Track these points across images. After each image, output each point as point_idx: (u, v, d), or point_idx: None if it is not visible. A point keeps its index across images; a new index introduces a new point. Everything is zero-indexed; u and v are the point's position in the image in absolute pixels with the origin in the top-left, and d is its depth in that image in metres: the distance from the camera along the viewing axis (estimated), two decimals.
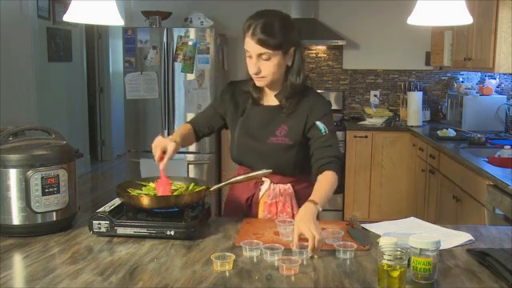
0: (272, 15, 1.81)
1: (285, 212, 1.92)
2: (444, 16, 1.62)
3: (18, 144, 1.70)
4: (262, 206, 1.95)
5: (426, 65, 5.24)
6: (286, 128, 1.90)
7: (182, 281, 1.32)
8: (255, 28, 1.76)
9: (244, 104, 1.98)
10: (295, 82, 1.86)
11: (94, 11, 1.74)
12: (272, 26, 1.77)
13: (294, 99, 1.89)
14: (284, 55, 1.81)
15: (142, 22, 5.09)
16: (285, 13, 1.86)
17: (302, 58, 1.88)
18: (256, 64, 1.80)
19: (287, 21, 1.83)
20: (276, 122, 1.91)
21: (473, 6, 3.65)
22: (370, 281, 1.33)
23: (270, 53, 1.78)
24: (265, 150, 1.89)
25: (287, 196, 1.93)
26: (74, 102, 6.64)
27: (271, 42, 1.76)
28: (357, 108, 5.43)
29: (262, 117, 1.93)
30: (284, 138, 1.89)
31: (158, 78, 4.69)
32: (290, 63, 1.85)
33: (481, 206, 2.89)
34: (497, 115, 4.18)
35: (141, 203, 1.66)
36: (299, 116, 1.89)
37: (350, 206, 4.81)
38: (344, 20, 5.28)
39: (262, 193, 1.95)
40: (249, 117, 1.96)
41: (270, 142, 1.90)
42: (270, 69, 1.81)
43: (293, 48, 1.83)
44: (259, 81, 1.85)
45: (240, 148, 1.96)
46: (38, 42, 5.63)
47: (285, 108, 1.89)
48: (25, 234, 1.65)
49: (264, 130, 1.91)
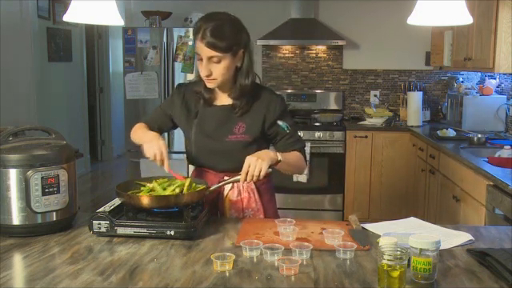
0: (221, 18, 1.86)
1: (250, 208, 1.98)
2: (444, 16, 1.62)
3: (18, 144, 1.70)
4: (227, 205, 1.99)
5: (426, 65, 5.24)
6: (244, 125, 1.95)
7: (182, 281, 1.32)
8: (205, 31, 1.81)
9: (196, 106, 2.02)
10: (244, 83, 1.92)
11: (94, 11, 1.74)
12: (221, 29, 1.82)
13: (244, 99, 1.94)
14: (233, 57, 1.86)
15: (142, 22, 5.09)
16: (233, 15, 1.91)
17: (251, 60, 1.94)
18: (206, 66, 1.85)
19: (236, 23, 1.88)
20: (232, 120, 1.96)
21: (473, 6, 3.65)
22: (369, 281, 1.33)
23: (220, 55, 1.82)
24: (224, 148, 1.95)
25: (250, 192, 1.99)
26: (74, 102, 6.64)
27: (220, 45, 1.80)
28: (357, 108, 5.43)
29: (218, 116, 1.97)
30: (243, 135, 1.94)
31: (158, 77, 4.69)
32: (239, 64, 1.91)
33: (481, 205, 2.89)
34: (497, 115, 4.18)
35: (141, 203, 1.66)
36: (256, 113, 1.96)
37: (349, 206, 4.81)
38: (344, 20, 5.28)
39: (227, 192, 1.99)
40: (203, 118, 1.99)
41: (228, 140, 1.94)
42: (221, 71, 1.86)
43: (242, 50, 1.89)
44: (210, 82, 1.90)
45: (198, 149, 2.00)
46: (38, 42, 5.63)
47: (237, 108, 1.95)
48: (25, 234, 1.65)
49: (221, 130, 1.96)
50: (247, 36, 1.91)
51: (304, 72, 5.41)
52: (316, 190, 4.78)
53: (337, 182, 4.78)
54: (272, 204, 2.10)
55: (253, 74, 1.94)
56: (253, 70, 1.94)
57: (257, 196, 2.00)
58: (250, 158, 1.76)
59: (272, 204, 2.10)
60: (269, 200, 2.07)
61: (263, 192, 2.03)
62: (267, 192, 2.07)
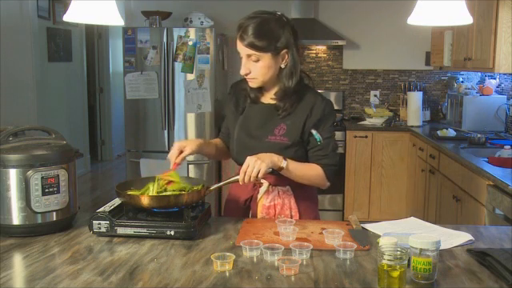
0: (264, 16, 1.80)
1: (283, 214, 1.91)
2: (444, 16, 1.62)
3: (17, 144, 1.70)
4: (260, 208, 1.93)
5: (426, 65, 5.24)
6: (285, 127, 1.88)
7: (182, 281, 1.32)
8: (244, 29, 1.78)
9: (243, 103, 1.97)
10: (287, 85, 1.85)
11: (94, 11, 1.74)
12: (260, 27, 1.77)
13: (288, 101, 1.87)
14: (274, 57, 1.81)
15: (142, 22, 5.09)
16: (279, 13, 1.85)
17: (295, 60, 1.85)
18: (246, 65, 1.82)
19: (279, 22, 1.81)
20: (275, 120, 1.90)
21: (473, 6, 3.65)
22: (369, 281, 1.33)
23: (258, 54, 1.78)
24: (263, 149, 1.84)
25: (286, 198, 1.92)
26: (74, 102, 6.64)
27: (258, 43, 1.77)
28: (357, 108, 5.43)
29: (261, 115, 1.92)
30: (282, 138, 1.87)
31: (158, 77, 4.69)
32: (283, 65, 1.85)
33: (481, 205, 2.89)
34: (497, 115, 4.18)
35: (141, 203, 1.66)
36: (298, 116, 1.88)
37: (350, 206, 4.81)
38: (344, 20, 5.28)
39: (261, 195, 1.94)
40: (248, 115, 1.95)
41: (268, 140, 1.88)
42: (259, 70, 1.81)
43: (284, 50, 1.82)
44: (250, 81, 1.87)
45: (239, 147, 1.95)
46: (38, 42, 5.63)
47: (280, 109, 1.89)
48: (25, 234, 1.65)
49: (262, 129, 1.90)
50: (292, 36, 1.83)
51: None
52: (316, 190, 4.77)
53: (337, 182, 4.78)
54: (310, 211, 1.99)
55: (297, 75, 1.85)
56: (298, 70, 1.85)
57: (293, 203, 1.92)
58: (249, 158, 1.72)
59: (310, 211, 1.99)
60: (307, 208, 1.97)
61: (301, 198, 1.94)
62: (306, 199, 1.96)
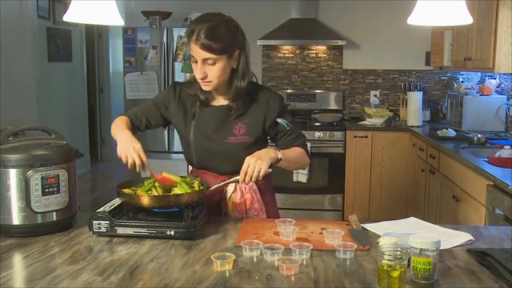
0: (215, 19, 1.82)
1: (253, 208, 1.96)
2: (444, 16, 1.62)
3: (17, 144, 1.70)
4: (231, 206, 1.97)
5: (426, 65, 5.24)
6: (244, 126, 1.92)
7: (182, 281, 1.32)
8: (199, 33, 1.78)
9: (192, 107, 1.97)
10: (239, 85, 1.88)
11: (94, 11, 1.74)
12: (215, 30, 1.78)
13: (241, 101, 1.90)
14: (229, 59, 1.83)
15: (142, 22, 5.09)
16: (228, 16, 1.88)
17: (247, 61, 1.89)
18: (202, 69, 1.82)
19: (231, 24, 1.85)
20: (231, 121, 1.93)
21: (473, 6, 3.65)
22: (369, 281, 1.33)
23: (215, 57, 1.79)
24: (224, 150, 1.91)
25: (252, 192, 1.97)
26: (74, 102, 6.64)
27: (215, 46, 1.77)
28: (357, 108, 5.43)
29: (215, 118, 1.94)
30: (244, 137, 1.92)
31: (158, 78, 4.69)
32: (235, 66, 1.87)
33: (481, 205, 2.89)
34: (497, 115, 4.18)
35: (141, 203, 1.67)
36: (255, 113, 1.93)
37: (350, 206, 4.81)
38: (344, 20, 5.28)
39: (230, 194, 1.97)
40: (200, 119, 1.96)
41: (228, 141, 1.92)
42: (216, 73, 1.82)
43: (237, 51, 1.85)
44: (205, 85, 1.86)
45: (198, 151, 1.97)
46: (38, 42, 5.63)
47: (233, 110, 1.91)
48: (25, 234, 1.65)
49: (220, 131, 1.93)
50: (243, 37, 1.87)
51: (304, 72, 5.41)
52: (316, 190, 4.78)
53: (337, 182, 4.79)
54: (273, 204, 2.10)
55: (249, 75, 1.90)
56: (249, 71, 1.90)
57: (259, 196, 1.98)
58: (249, 159, 1.74)
59: (273, 204, 2.10)
60: (270, 200, 2.06)
61: (264, 192, 2.02)
62: (268, 192, 2.06)
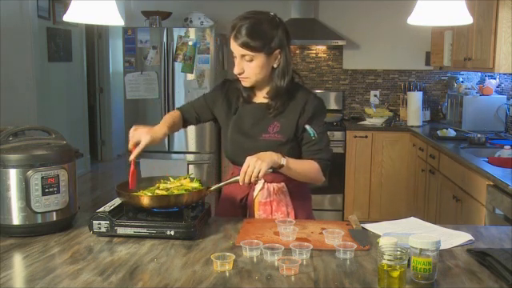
0: (257, 17, 1.82)
1: (279, 211, 1.93)
2: (444, 16, 1.62)
3: (17, 144, 1.70)
4: (256, 206, 1.95)
5: (426, 65, 5.24)
6: (279, 125, 1.91)
7: (182, 281, 1.32)
8: (238, 29, 1.79)
9: (236, 102, 1.99)
10: (279, 85, 1.88)
11: (94, 11, 1.74)
12: (254, 28, 1.79)
13: (279, 100, 1.90)
14: (267, 57, 1.83)
15: (142, 22, 5.09)
16: (273, 14, 1.87)
17: (288, 60, 1.88)
18: (239, 64, 1.84)
19: (273, 23, 1.84)
20: (268, 118, 1.92)
21: (473, 6, 3.65)
22: (369, 281, 1.33)
23: (252, 54, 1.80)
24: (257, 147, 1.87)
25: (281, 195, 1.94)
26: (74, 102, 6.64)
27: (252, 44, 1.78)
28: (357, 108, 5.43)
29: (254, 114, 1.94)
30: (277, 135, 1.90)
31: (158, 78, 4.69)
32: (275, 65, 1.87)
33: (481, 205, 2.89)
34: (497, 115, 4.18)
35: (141, 203, 1.67)
36: (291, 113, 1.91)
37: (350, 206, 4.81)
38: (344, 20, 5.28)
39: (256, 192, 1.95)
40: (241, 115, 1.97)
41: (262, 138, 1.91)
42: (253, 70, 1.83)
43: (278, 50, 1.84)
44: (243, 81, 1.89)
45: (233, 146, 1.97)
46: (38, 42, 5.63)
47: (271, 108, 1.91)
48: (25, 234, 1.65)
49: (256, 127, 1.92)
50: (285, 36, 1.85)
51: (304, 72, 5.41)
52: (316, 190, 4.77)
53: (337, 182, 4.79)
54: (304, 209, 2.00)
55: (289, 74, 1.88)
56: (290, 70, 1.88)
57: (288, 199, 1.94)
58: (249, 158, 1.72)
59: (304, 209, 2.00)
60: (301, 205, 1.98)
61: (296, 195, 1.96)
62: (300, 196, 1.98)
